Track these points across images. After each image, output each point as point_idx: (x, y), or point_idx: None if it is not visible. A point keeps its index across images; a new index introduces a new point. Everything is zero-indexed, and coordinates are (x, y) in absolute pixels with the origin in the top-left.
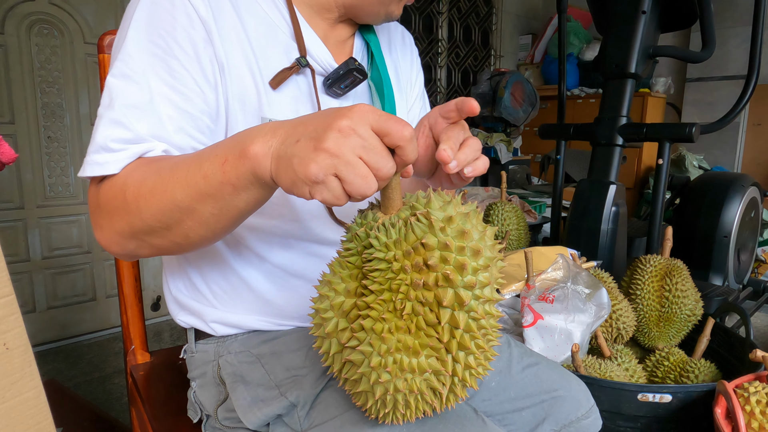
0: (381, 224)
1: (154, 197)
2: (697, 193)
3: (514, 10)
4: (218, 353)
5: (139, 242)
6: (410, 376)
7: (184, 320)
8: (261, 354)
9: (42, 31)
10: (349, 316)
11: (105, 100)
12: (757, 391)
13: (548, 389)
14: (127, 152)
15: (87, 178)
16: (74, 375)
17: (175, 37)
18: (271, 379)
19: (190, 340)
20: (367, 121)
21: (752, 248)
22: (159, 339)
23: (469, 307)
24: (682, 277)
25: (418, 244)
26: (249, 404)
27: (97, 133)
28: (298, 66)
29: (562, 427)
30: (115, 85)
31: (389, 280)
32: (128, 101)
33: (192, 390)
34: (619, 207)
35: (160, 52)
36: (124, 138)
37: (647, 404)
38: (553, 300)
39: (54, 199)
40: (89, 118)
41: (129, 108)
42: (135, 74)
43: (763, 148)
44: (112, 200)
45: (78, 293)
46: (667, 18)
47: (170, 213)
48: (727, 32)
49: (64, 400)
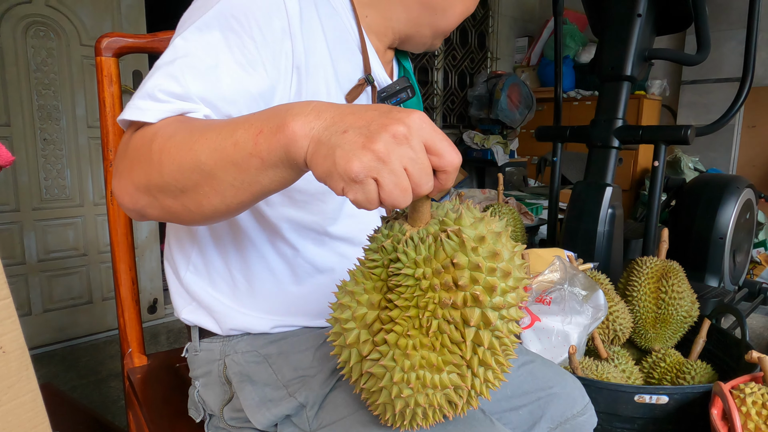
0: (409, 238)
1: (179, 153)
2: (693, 195)
3: (510, 12)
4: (224, 352)
5: (151, 199)
6: (431, 392)
7: (189, 317)
8: (268, 354)
9: (38, 33)
10: (372, 329)
11: (167, 56)
12: (753, 392)
13: (544, 387)
14: (170, 105)
15: (125, 121)
16: (70, 378)
17: (256, 18)
18: (279, 379)
19: (193, 339)
20: (423, 134)
21: (747, 250)
22: (156, 342)
23: (494, 327)
24: (678, 279)
25: (448, 263)
26: (257, 404)
27: (149, 81)
28: (366, 83)
29: (558, 425)
30: (182, 45)
31: (416, 297)
32: (191, 62)
33: (195, 389)
34: (615, 209)
35: (238, 28)
36: (173, 92)
37: (644, 405)
38: (550, 302)
39: (50, 201)
40: (85, 120)
41: (189, 68)
42: (207, 41)
43: (758, 150)
44: (139, 148)
45: (74, 296)
46: (663, 21)
47: (190, 173)
48: (722, 35)
49: (60, 404)
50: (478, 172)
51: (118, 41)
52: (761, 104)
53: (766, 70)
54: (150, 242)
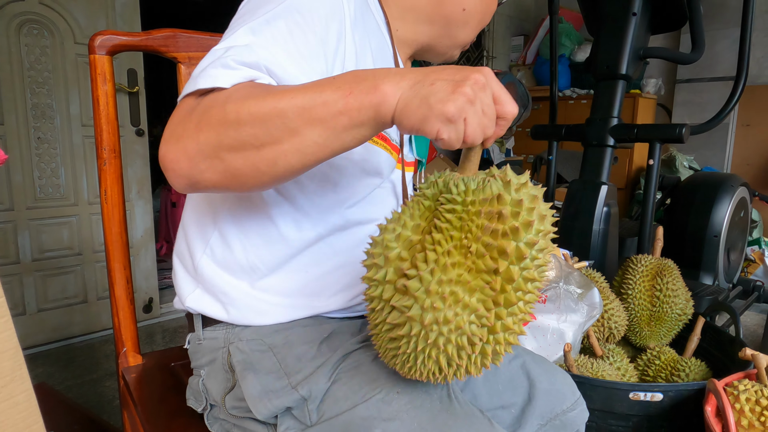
0: (460, 179)
1: (261, 110)
2: (688, 193)
3: (506, 11)
4: (228, 340)
5: (216, 161)
6: (460, 311)
7: (193, 305)
8: (274, 344)
9: (32, 31)
10: (414, 248)
11: (236, 37)
12: (746, 389)
13: (534, 382)
14: (242, 72)
15: (195, 91)
16: (65, 378)
17: (319, 16)
18: (282, 369)
19: (197, 328)
20: (493, 85)
21: (742, 248)
22: (151, 341)
23: (524, 264)
24: (672, 277)
25: (494, 196)
26: (259, 394)
27: (217, 54)
28: None
29: (549, 421)
30: (247, 32)
31: (461, 220)
32: (260, 42)
33: (200, 378)
34: (611, 207)
35: (302, 22)
36: (246, 61)
37: (639, 403)
38: (545, 300)
39: (44, 200)
40: (79, 118)
41: (259, 45)
42: (273, 31)
43: (752, 148)
44: (209, 109)
45: (69, 295)
46: (657, 20)
47: (273, 128)
48: (716, 34)
49: (55, 404)
50: None
51: (111, 39)
52: (755, 103)
53: (760, 69)
54: (145, 241)
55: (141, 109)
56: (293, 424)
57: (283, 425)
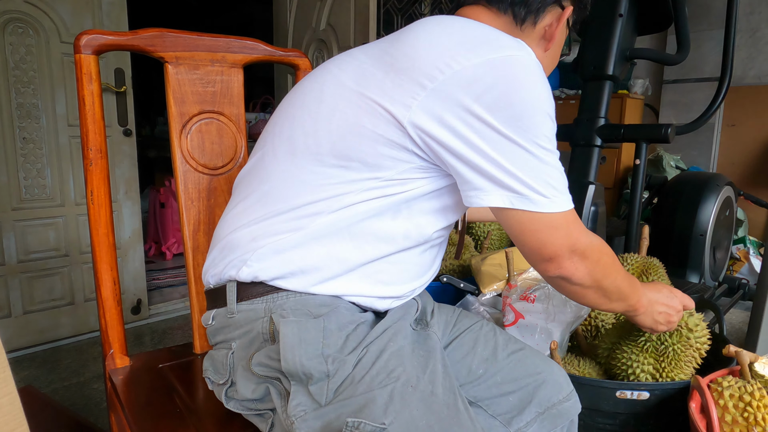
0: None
1: (619, 283)
2: (674, 192)
3: None
4: (270, 310)
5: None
6: None
7: (260, 273)
8: (319, 314)
9: (17, 29)
10: None
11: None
12: (730, 386)
13: (532, 373)
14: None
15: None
16: (52, 380)
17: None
18: (322, 333)
19: (230, 302)
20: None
21: (727, 246)
22: (140, 343)
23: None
24: (658, 275)
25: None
26: (295, 342)
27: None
28: None
29: (546, 409)
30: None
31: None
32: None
33: (229, 351)
34: (598, 206)
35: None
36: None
37: (625, 401)
38: (534, 300)
39: (30, 201)
40: (66, 118)
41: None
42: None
43: (737, 148)
44: (603, 257)
45: (56, 297)
46: (644, 21)
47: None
48: (701, 35)
49: (41, 407)
50: None
51: (97, 38)
52: (740, 103)
53: (744, 70)
54: (133, 242)
55: (129, 109)
56: (305, 400)
57: (295, 400)
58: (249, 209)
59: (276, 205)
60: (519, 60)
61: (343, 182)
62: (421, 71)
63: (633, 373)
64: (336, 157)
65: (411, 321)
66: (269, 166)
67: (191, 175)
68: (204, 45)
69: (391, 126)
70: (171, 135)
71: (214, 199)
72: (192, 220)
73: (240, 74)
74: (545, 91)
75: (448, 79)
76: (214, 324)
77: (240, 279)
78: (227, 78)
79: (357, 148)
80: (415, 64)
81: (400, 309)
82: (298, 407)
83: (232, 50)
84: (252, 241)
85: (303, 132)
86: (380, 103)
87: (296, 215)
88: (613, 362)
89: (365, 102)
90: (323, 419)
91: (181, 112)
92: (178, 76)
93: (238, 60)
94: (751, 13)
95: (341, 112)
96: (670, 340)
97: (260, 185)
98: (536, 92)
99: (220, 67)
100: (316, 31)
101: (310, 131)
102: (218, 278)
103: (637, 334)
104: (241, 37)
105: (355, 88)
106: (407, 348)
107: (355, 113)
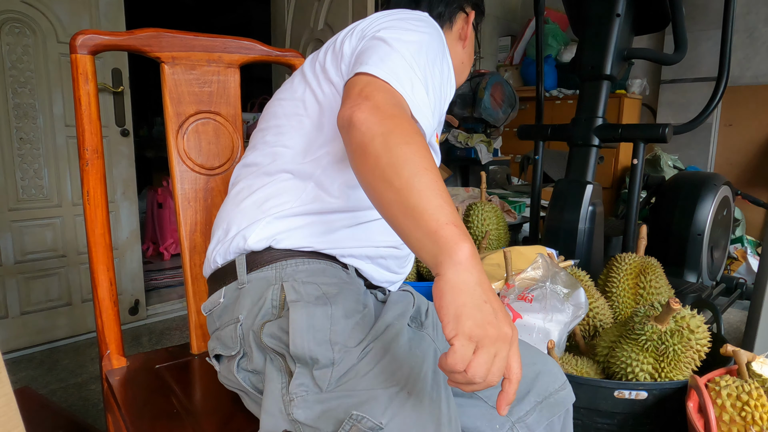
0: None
1: (398, 170)
2: (672, 192)
3: (493, 11)
4: (281, 278)
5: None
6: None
7: (254, 236)
8: (329, 292)
9: (13, 29)
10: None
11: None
12: (728, 385)
13: (528, 364)
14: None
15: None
16: (49, 382)
17: (443, 57)
18: (329, 319)
19: (240, 274)
20: (515, 347)
21: (725, 246)
22: (138, 344)
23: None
24: (656, 275)
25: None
26: (305, 328)
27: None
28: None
29: (544, 398)
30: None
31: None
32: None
33: (237, 324)
34: (596, 206)
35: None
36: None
37: (624, 401)
38: (531, 299)
39: (27, 201)
40: (63, 119)
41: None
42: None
43: (734, 148)
44: (396, 117)
45: (53, 298)
46: (641, 21)
47: (389, 184)
48: (699, 35)
49: (38, 408)
50: (461, 171)
51: (93, 38)
52: (737, 103)
53: (741, 70)
54: (131, 243)
55: (126, 109)
56: (308, 382)
57: (299, 380)
58: (251, 185)
59: (277, 173)
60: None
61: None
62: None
63: (632, 371)
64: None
65: (408, 318)
66: (265, 149)
67: (188, 175)
68: (200, 45)
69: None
70: (167, 135)
71: (211, 199)
72: (189, 220)
73: (237, 74)
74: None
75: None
76: (222, 302)
77: (249, 248)
78: (224, 78)
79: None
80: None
81: (399, 304)
82: (301, 387)
83: (228, 50)
84: (257, 208)
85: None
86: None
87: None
88: (612, 360)
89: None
90: (324, 405)
91: (177, 112)
92: (174, 76)
93: (234, 60)
94: (748, 14)
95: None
96: (671, 340)
97: (258, 169)
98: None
99: (217, 68)
100: (313, 31)
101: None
102: (225, 255)
103: (638, 332)
104: (238, 37)
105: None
106: (405, 350)
107: (332, 91)
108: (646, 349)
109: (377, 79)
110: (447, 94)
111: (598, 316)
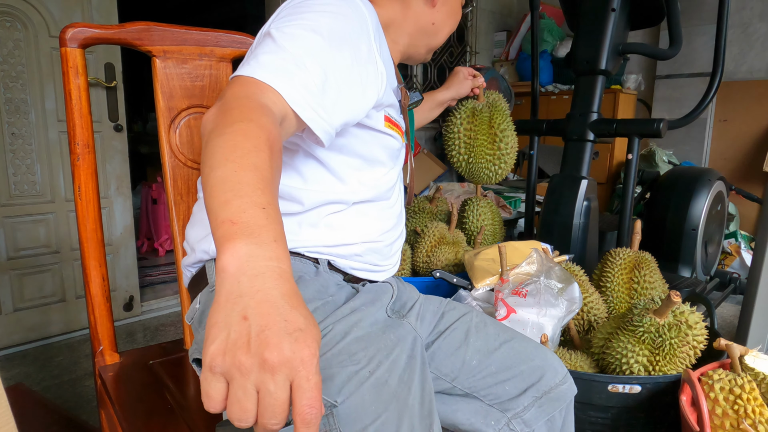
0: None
1: (211, 152)
2: (666, 187)
3: (489, 6)
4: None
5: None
6: None
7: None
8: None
9: (4, 23)
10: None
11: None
12: (720, 379)
13: (526, 360)
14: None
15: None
16: (43, 378)
17: (359, 36)
18: (323, 290)
19: (210, 275)
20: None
21: (719, 241)
22: (132, 340)
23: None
24: (650, 270)
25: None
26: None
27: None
28: (404, 89)
29: (544, 394)
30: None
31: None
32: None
33: None
34: (591, 201)
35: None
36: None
37: (617, 395)
38: (526, 294)
39: (19, 197)
40: (55, 113)
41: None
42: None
43: (729, 143)
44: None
45: (46, 294)
46: (636, 16)
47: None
48: (694, 31)
49: (31, 404)
50: None
51: (83, 32)
52: (732, 99)
53: (736, 66)
54: (125, 239)
55: (119, 104)
56: None
57: None
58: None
59: None
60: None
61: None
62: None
63: (627, 363)
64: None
65: (387, 307)
66: None
67: (180, 170)
68: (192, 39)
69: None
70: (159, 130)
71: None
72: (182, 215)
73: (229, 68)
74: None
75: None
76: (199, 307)
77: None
78: (216, 72)
79: None
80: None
81: (372, 293)
82: None
83: (220, 44)
84: None
85: None
86: None
87: None
88: (608, 351)
89: None
90: None
91: (169, 106)
92: (166, 70)
93: (226, 54)
94: (743, 9)
95: None
96: (669, 333)
97: None
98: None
99: (209, 61)
100: None
101: None
102: (196, 263)
103: (636, 324)
104: (230, 31)
105: None
106: (375, 333)
107: None
108: (643, 341)
109: (242, 76)
110: (372, 71)
111: (593, 311)
